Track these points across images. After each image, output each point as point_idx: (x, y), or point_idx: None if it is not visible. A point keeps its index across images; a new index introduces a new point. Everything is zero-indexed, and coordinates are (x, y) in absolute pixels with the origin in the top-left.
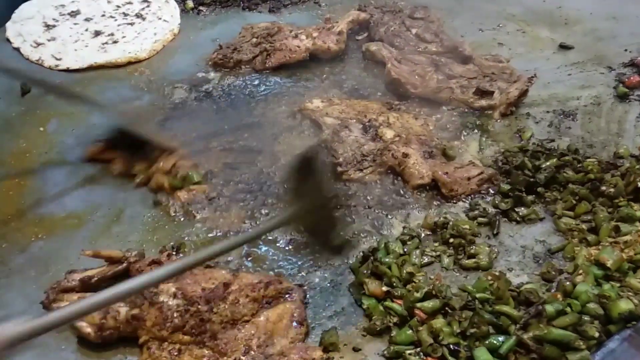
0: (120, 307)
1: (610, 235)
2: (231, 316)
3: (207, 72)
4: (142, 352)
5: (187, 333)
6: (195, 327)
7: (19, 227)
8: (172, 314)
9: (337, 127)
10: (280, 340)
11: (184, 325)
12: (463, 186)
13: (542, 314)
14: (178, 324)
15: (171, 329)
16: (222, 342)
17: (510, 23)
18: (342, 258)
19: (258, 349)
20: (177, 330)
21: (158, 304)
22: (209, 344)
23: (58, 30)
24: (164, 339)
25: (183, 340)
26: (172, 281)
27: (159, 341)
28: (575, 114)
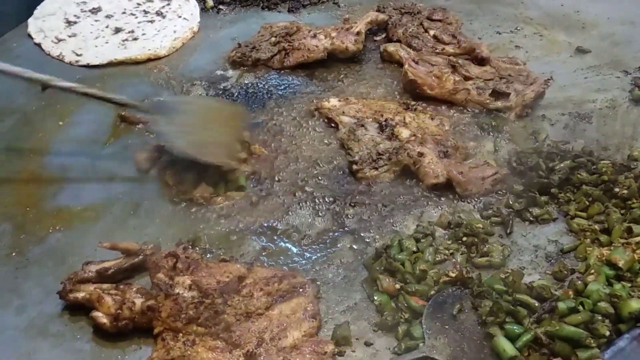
0: (136, 298)
1: (622, 236)
2: (245, 309)
3: (226, 70)
4: (156, 342)
5: (202, 325)
6: (209, 319)
7: (37, 219)
8: (187, 306)
9: (354, 126)
10: (292, 333)
11: (199, 317)
12: (477, 186)
13: (554, 310)
14: (192, 316)
15: (186, 320)
16: (236, 334)
17: (528, 26)
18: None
19: (271, 342)
20: (192, 322)
21: (173, 296)
22: (222, 335)
23: (79, 26)
24: (179, 330)
25: (197, 331)
26: (187, 274)
27: (173, 332)
28: (591, 116)
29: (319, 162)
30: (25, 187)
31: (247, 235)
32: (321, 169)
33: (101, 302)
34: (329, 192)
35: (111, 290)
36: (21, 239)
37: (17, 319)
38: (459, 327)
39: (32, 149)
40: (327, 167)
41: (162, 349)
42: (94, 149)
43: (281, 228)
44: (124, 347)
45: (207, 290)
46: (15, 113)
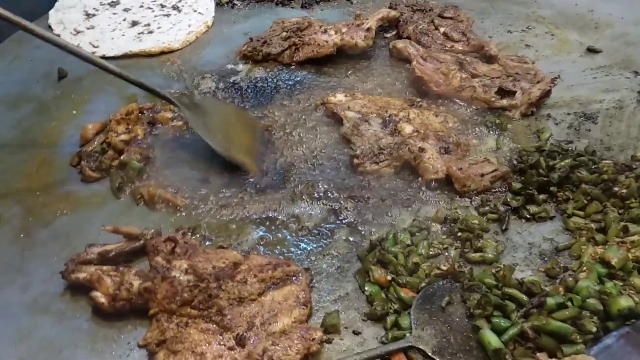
0: (134, 280)
1: (618, 235)
2: (238, 294)
3: (236, 64)
4: (151, 323)
5: (195, 307)
6: (203, 302)
7: (45, 202)
8: (182, 289)
9: (358, 121)
10: (283, 319)
11: (193, 300)
12: (476, 182)
13: (543, 305)
14: (187, 299)
15: (180, 302)
16: (227, 318)
17: (540, 25)
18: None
19: (261, 326)
20: (186, 304)
21: (169, 279)
22: (214, 318)
23: (97, 19)
24: (173, 311)
25: (191, 314)
26: (185, 258)
27: (168, 314)
28: (597, 116)
29: (322, 155)
30: (36, 172)
31: (246, 225)
32: (323, 162)
33: (100, 283)
34: (330, 185)
35: (111, 271)
36: (29, 222)
37: (22, 296)
38: (446, 319)
39: (46, 136)
40: (329, 161)
41: (157, 329)
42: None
43: (280, 218)
44: (120, 327)
45: (203, 274)
46: (32, 101)
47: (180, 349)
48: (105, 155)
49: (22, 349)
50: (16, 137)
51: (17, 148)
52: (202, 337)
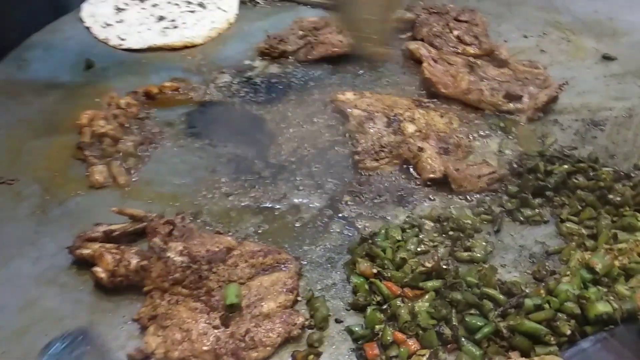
0: (132, 258)
1: (608, 243)
2: (228, 277)
3: (254, 60)
4: (146, 299)
5: (186, 287)
6: (193, 282)
7: (61, 183)
8: (175, 269)
9: (363, 119)
10: (268, 303)
11: (184, 280)
12: (472, 183)
13: (521, 306)
14: (179, 278)
15: (172, 281)
16: (215, 299)
17: (556, 31)
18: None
19: (246, 309)
20: (177, 284)
21: (164, 259)
22: (203, 298)
23: (127, 13)
24: (165, 290)
25: (181, 292)
26: (181, 241)
27: (161, 291)
28: (605, 124)
29: (326, 151)
30: (57, 154)
31: (246, 213)
32: (327, 158)
33: (101, 259)
34: (331, 179)
35: (112, 249)
36: (45, 200)
37: (32, 268)
38: None
39: (68, 122)
40: (333, 157)
41: (150, 305)
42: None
43: (279, 208)
44: (118, 301)
45: (196, 257)
46: (59, 88)
47: (168, 325)
48: (104, 143)
49: (26, 316)
50: (42, 121)
51: (42, 131)
52: (190, 315)
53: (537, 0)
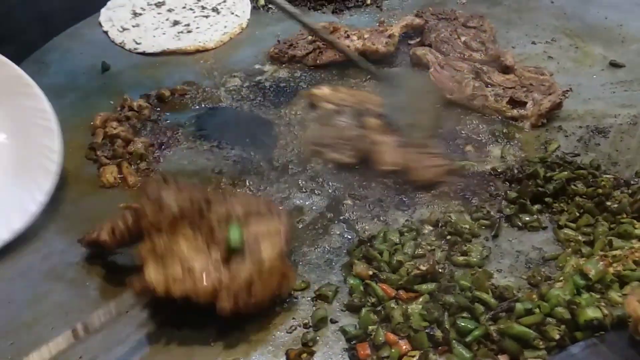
0: (129, 215)
1: (603, 249)
2: (226, 214)
3: (264, 64)
4: (144, 240)
5: (185, 218)
6: (193, 219)
7: (74, 182)
8: (171, 207)
9: (332, 112)
10: (266, 250)
11: (183, 217)
12: (424, 175)
13: (512, 310)
14: (177, 215)
15: (170, 218)
16: (216, 235)
17: (565, 38)
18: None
19: (246, 252)
20: (176, 222)
21: (159, 200)
22: (204, 231)
23: (143, 18)
24: (164, 229)
25: (180, 229)
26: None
27: (159, 231)
28: (609, 131)
29: None
30: (71, 154)
31: None
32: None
33: (103, 228)
34: (333, 182)
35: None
36: (59, 198)
37: (42, 263)
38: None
39: (83, 123)
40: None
41: (149, 243)
42: None
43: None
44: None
45: (193, 197)
46: (76, 90)
47: (169, 259)
48: (115, 144)
49: (35, 310)
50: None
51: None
52: (192, 252)
53: (547, 7)
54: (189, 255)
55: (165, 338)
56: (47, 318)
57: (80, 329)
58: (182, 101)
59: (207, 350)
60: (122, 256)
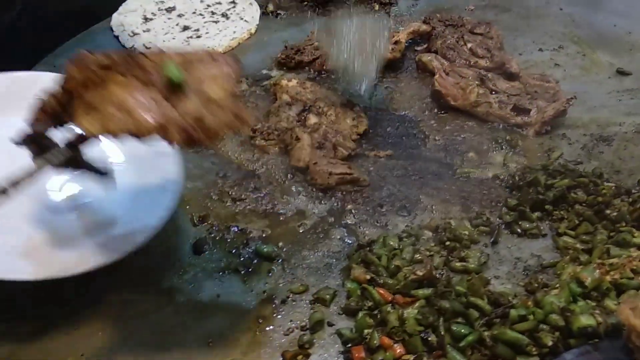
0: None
1: (601, 257)
2: (160, 59)
3: (271, 69)
4: (75, 104)
5: (116, 68)
6: (123, 63)
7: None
8: (98, 60)
9: (284, 104)
10: (213, 88)
11: (113, 66)
12: (322, 178)
13: (506, 316)
14: (106, 63)
15: (99, 69)
16: (152, 75)
17: (573, 45)
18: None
19: (190, 91)
20: (105, 69)
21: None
22: (138, 75)
23: (153, 23)
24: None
25: (111, 75)
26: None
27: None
28: (613, 139)
29: None
30: None
31: (252, 217)
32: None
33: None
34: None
35: None
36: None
37: None
38: None
39: None
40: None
41: (78, 100)
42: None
43: (283, 213)
44: None
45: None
46: None
47: (102, 106)
48: None
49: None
50: None
51: None
52: (126, 94)
53: (556, 14)
54: (123, 97)
55: (163, 338)
56: None
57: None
58: None
59: (205, 350)
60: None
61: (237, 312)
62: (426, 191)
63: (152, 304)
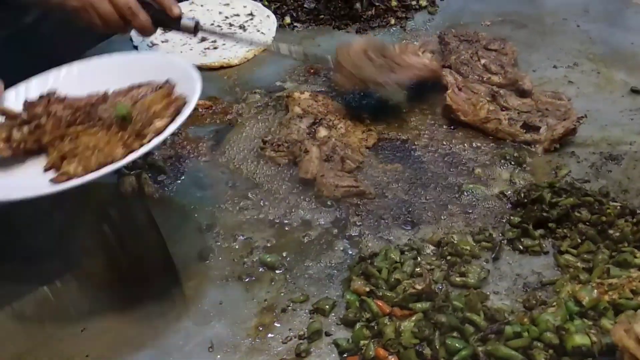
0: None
1: (601, 277)
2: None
3: (285, 81)
4: (49, 150)
5: (81, 123)
6: (85, 118)
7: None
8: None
9: (296, 116)
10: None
11: (77, 119)
12: (329, 190)
13: (501, 332)
14: (71, 119)
15: (66, 124)
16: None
17: (588, 62)
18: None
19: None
20: (72, 124)
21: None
22: (98, 123)
23: (172, 34)
24: (63, 135)
25: (78, 129)
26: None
27: (59, 138)
28: (622, 158)
29: None
30: None
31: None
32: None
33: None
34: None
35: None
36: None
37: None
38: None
39: None
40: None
41: (54, 151)
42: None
43: (288, 224)
44: None
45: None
46: None
47: (78, 152)
48: None
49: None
50: None
51: None
52: (92, 137)
53: (573, 31)
54: (90, 140)
55: (165, 342)
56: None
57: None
58: (204, 115)
59: (206, 355)
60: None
61: (238, 319)
62: (431, 205)
63: (155, 308)
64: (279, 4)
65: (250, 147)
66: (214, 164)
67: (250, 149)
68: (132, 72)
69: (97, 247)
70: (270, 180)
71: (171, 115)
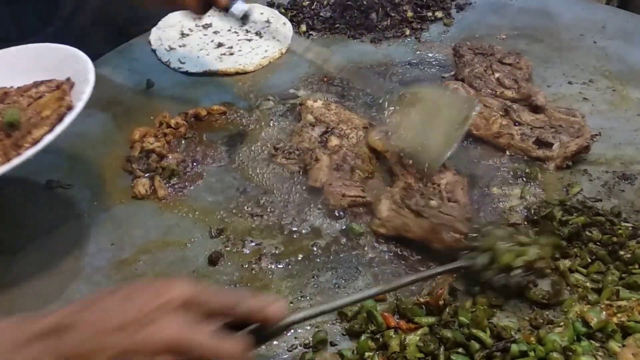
0: None
1: (610, 298)
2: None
3: (298, 89)
4: None
5: None
6: None
7: (109, 191)
8: None
9: (308, 124)
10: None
11: None
12: (336, 199)
13: (507, 350)
14: None
15: None
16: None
17: (603, 79)
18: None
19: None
20: None
21: None
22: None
23: (190, 38)
24: None
25: None
26: None
27: None
28: (636, 178)
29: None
30: (109, 165)
31: (267, 234)
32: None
33: None
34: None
35: None
36: (93, 205)
37: (74, 265)
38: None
39: (123, 136)
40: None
41: None
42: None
43: (297, 231)
44: None
45: None
46: (120, 105)
47: None
48: (150, 159)
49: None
50: (100, 134)
51: (99, 144)
52: None
53: (589, 47)
54: None
55: None
56: None
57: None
58: (218, 120)
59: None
60: (143, 264)
61: None
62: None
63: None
64: (295, 12)
65: (262, 153)
66: (226, 169)
67: (262, 155)
68: (36, 66)
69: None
70: (281, 187)
71: (52, 123)
